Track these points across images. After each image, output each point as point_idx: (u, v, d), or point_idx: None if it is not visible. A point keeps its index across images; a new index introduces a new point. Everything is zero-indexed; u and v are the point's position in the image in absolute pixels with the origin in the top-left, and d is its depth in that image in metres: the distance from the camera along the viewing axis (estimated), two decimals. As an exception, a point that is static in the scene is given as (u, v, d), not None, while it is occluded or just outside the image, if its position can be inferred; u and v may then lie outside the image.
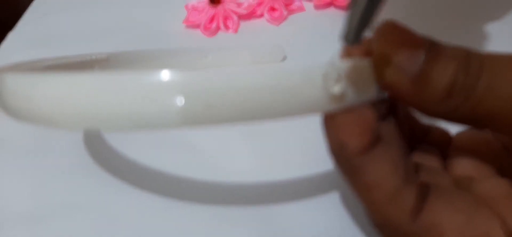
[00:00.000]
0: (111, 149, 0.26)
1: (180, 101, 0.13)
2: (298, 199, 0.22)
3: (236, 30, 0.35)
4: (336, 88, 0.15)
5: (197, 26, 0.35)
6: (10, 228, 0.22)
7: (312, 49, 0.33)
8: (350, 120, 0.15)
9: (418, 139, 0.20)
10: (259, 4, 0.36)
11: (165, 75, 0.13)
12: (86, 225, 0.22)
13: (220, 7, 0.35)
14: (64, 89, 0.14)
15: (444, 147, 0.20)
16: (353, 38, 0.15)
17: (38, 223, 0.22)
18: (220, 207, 0.22)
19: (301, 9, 0.37)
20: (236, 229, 0.21)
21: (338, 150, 0.16)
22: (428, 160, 0.19)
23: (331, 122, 0.15)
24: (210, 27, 0.35)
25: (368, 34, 0.16)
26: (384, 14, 0.16)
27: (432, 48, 0.15)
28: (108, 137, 0.26)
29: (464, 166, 0.18)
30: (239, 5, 0.35)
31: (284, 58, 0.32)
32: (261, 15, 0.36)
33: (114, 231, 0.22)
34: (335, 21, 0.35)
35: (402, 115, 0.19)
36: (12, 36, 0.36)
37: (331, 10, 0.37)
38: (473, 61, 0.15)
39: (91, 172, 0.24)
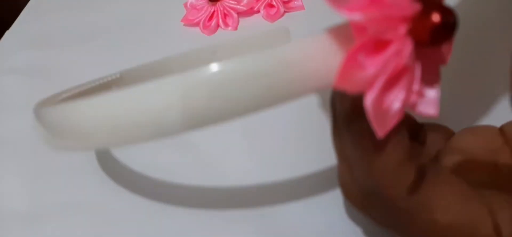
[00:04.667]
0: (110, 149, 0.26)
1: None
2: (298, 198, 0.22)
3: (235, 28, 0.35)
4: None
5: (196, 24, 0.35)
6: (9, 228, 0.22)
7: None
8: None
9: (412, 136, 0.20)
10: (258, 0, 0.36)
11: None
12: (85, 225, 0.22)
13: (219, 5, 0.35)
14: (88, 113, 0.14)
15: (441, 141, 0.20)
16: None
17: (38, 223, 0.22)
18: (219, 206, 0.22)
19: (300, 8, 0.37)
20: (236, 229, 0.21)
21: (357, 105, 0.15)
22: (425, 150, 0.19)
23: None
24: (210, 25, 0.35)
25: None
26: None
27: None
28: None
29: (459, 159, 0.18)
30: (238, 2, 0.35)
31: (289, 40, 0.33)
32: (259, 11, 0.36)
33: (114, 231, 0.22)
34: (333, 21, 0.35)
35: None
36: (8, 35, 0.36)
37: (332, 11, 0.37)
38: None
39: (90, 172, 0.24)
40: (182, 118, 0.13)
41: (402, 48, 0.14)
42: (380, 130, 0.14)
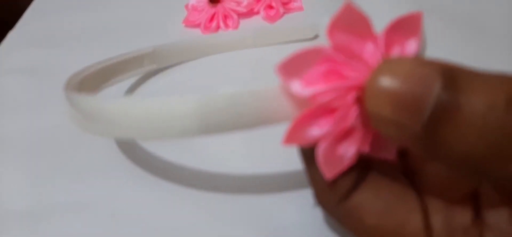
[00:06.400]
0: (110, 148, 0.26)
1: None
2: (297, 196, 0.22)
3: (236, 29, 0.35)
4: None
5: (197, 25, 0.35)
6: (9, 228, 0.22)
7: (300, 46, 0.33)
8: None
9: None
10: (258, 1, 0.36)
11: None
12: (86, 224, 0.22)
13: (219, 6, 0.35)
14: (119, 111, 0.17)
15: None
16: None
17: (38, 223, 0.22)
18: (219, 205, 0.22)
19: (299, 8, 0.37)
20: (236, 226, 0.21)
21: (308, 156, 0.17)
22: None
23: None
24: (210, 27, 0.35)
25: None
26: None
27: None
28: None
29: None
30: (238, 3, 0.36)
31: (317, 36, 0.34)
32: (258, 12, 0.36)
33: (114, 230, 0.22)
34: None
35: None
36: (12, 35, 0.36)
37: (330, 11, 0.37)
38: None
39: (91, 171, 0.24)
40: (197, 126, 0.16)
41: (347, 114, 0.15)
42: (329, 174, 0.16)
